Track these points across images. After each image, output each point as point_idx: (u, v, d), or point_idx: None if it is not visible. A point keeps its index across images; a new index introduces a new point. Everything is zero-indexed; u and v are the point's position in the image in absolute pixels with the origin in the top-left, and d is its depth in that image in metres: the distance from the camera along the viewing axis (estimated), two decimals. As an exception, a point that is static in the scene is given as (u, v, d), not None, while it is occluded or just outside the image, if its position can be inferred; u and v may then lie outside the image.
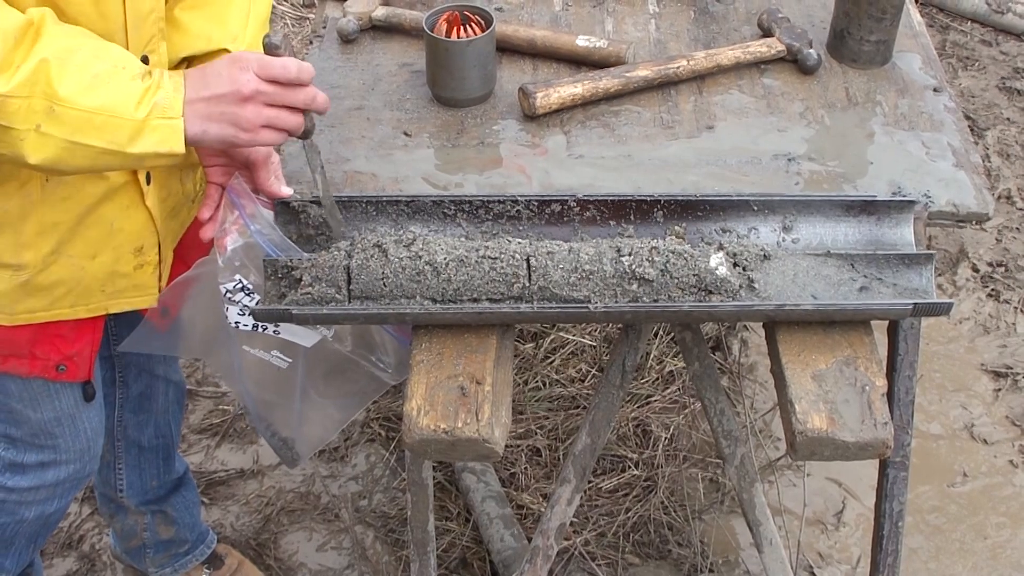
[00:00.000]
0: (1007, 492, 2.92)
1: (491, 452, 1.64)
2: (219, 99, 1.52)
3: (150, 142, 1.49)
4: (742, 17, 2.35)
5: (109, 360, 2.20)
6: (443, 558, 2.70)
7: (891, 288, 1.74)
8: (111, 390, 2.25)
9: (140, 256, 1.81)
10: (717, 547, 2.77)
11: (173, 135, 1.50)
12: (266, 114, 1.54)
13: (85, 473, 2.04)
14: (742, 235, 1.80)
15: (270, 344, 1.83)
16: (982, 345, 3.30)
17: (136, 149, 1.49)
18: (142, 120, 1.47)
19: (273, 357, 1.85)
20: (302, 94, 1.57)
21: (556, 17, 2.36)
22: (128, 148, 1.48)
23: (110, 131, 1.46)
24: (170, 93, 1.50)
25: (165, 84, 1.50)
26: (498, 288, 1.69)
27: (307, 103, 1.59)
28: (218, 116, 1.52)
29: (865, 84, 2.18)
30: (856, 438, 1.62)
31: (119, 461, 2.35)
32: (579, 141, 2.05)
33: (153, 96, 1.48)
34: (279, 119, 1.56)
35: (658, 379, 3.11)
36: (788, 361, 1.71)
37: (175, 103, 1.50)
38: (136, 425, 2.31)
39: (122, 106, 1.46)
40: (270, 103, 1.54)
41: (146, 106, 1.48)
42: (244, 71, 1.52)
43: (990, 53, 4.39)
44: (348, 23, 2.28)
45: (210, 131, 1.52)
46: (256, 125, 1.54)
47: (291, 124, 1.58)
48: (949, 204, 1.93)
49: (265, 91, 1.53)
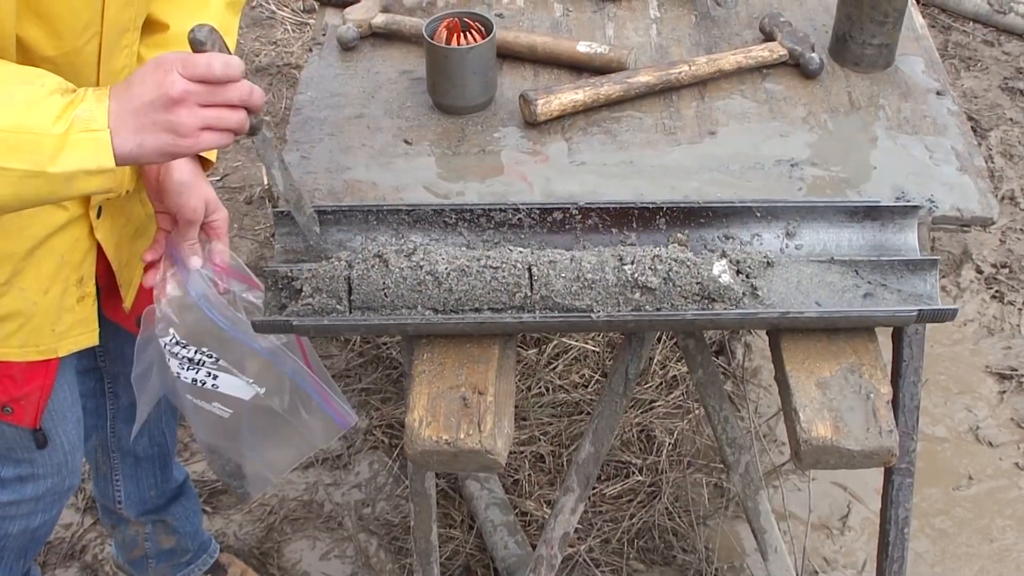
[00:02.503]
0: (1013, 495, 2.91)
1: (494, 463, 1.63)
2: (148, 107, 1.39)
3: (75, 159, 1.36)
4: (744, 21, 2.34)
5: (97, 372, 2.18)
6: (447, 566, 2.69)
7: (895, 294, 1.73)
8: (101, 402, 2.23)
9: (81, 287, 1.74)
10: (722, 553, 2.76)
11: (100, 148, 1.37)
12: (203, 115, 1.41)
13: (66, 487, 2.00)
14: (745, 242, 1.79)
15: (211, 396, 1.81)
16: (986, 347, 3.29)
17: (60, 167, 1.35)
18: (61, 134, 1.35)
19: (215, 407, 1.82)
20: (236, 90, 1.43)
21: (557, 23, 2.35)
22: (51, 167, 1.35)
23: (28, 150, 1.33)
24: (92, 105, 1.38)
25: (87, 97, 1.39)
26: (500, 298, 1.68)
27: (243, 99, 1.44)
28: (151, 125, 1.39)
29: (868, 88, 2.17)
30: (861, 446, 1.61)
31: (115, 473, 2.34)
32: (581, 148, 2.04)
33: (73, 110, 1.36)
34: (218, 119, 1.43)
35: (662, 384, 3.10)
36: (792, 369, 1.70)
37: (98, 115, 1.37)
38: (129, 436, 2.29)
39: (39, 122, 1.34)
40: (204, 103, 1.41)
41: (65, 120, 1.35)
42: (168, 72, 1.38)
43: (992, 53, 4.37)
44: (348, 30, 2.27)
45: (146, 143, 1.40)
46: (194, 128, 1.40)
47: (233, 122, 1.45)
48: (953, 209, 1.92)
49: (195, 91, 1.40)
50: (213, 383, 1.79)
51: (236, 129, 1.46)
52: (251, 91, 1.46)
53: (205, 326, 1.73)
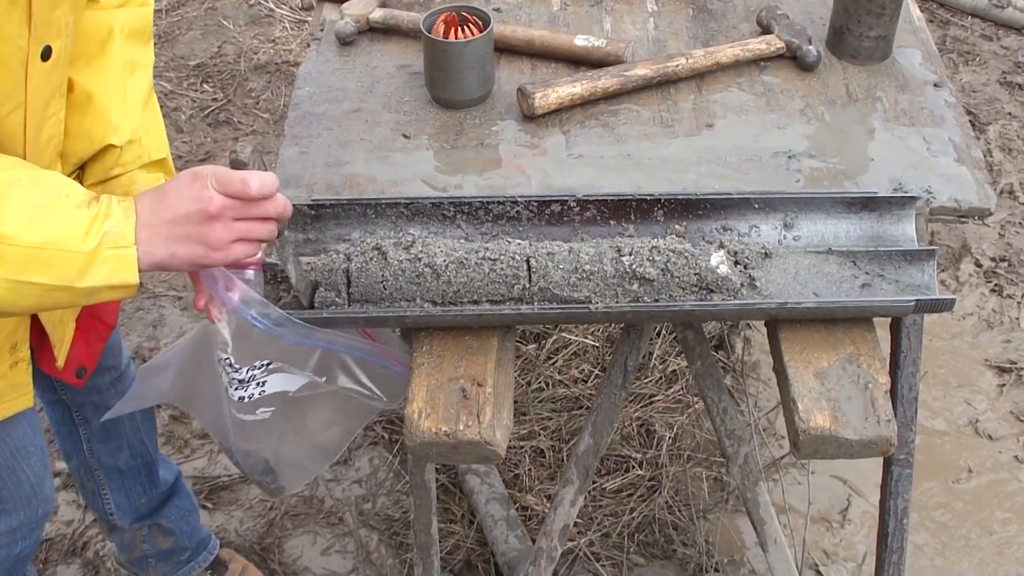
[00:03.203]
0: (1012, 488, 2.91)
1: (493, 454, 1.64)
2: (184, 219, 1.40)
3: (101, 275, 1.37)
4: (741, 14, 2.35)
5: (62, 403, 2.18)
6: (448, 560, 2.70)
7: (893, 285, 1.73)
8: (72, 429, 2.22)
9: (15, 354, 1.69)
10: (722, 546, 2.76)
11: (126, 265, 1.38)
12: (236, 228, 1.43)
13: (40, 515, 1.98)
14: (743, 233, 1.79)
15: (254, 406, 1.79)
16: (986, 340, 3.29)
17: (86, 283, 1.36)
18: (91, 251, 1.35)
19: (258, 414, 1.80)
20: (271, 205, 1.45)
21: (554, 17, 2.35)
22: (77, 283, 1.36)
23: (58, 266, 1.34)
24: (120, 220, 1.38)
25: (114, 211, 1.38)
26: (498, 290, 1.68)
27: (278, 214, 1.47)
28: (184, 237, 1.40)
29: (865, 80, 2.17)
30: (859, 436, 1.62)
31: (103, 488, 2.33)
32: (578, 141, 2.04)
33: (102, 225, 1.36)
34: (251, 232, 1.45)
35: (661, 378, 3.10)
36: (790, 359, 1.70)
37: (126, 231, 1.37)
38: (109, 453, 2.27)
39: (69, 238, 1.34)
40: (239, 217, 1.43)
41: (95, 236, 1.35)
42: (205, 188, 1.39)
43: (991, 48, 4.37)
44: (346, 25, 2.28)
45: (179, 253, 1.41)
46: (227, 242, 1.42)
47: (264, 234, 1.47)
48: (951, 200, 1.92)
49: (231, 206, 1.41)
50: (261, 390, 1.75)
51: (266, 239, 1.48)
52: (284, 206, 1.48)
53: (254, 337, 1.69)
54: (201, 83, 4.22)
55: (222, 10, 4.61)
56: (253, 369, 1.72)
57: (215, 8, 4.63)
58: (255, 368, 1.73)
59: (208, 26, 4.51)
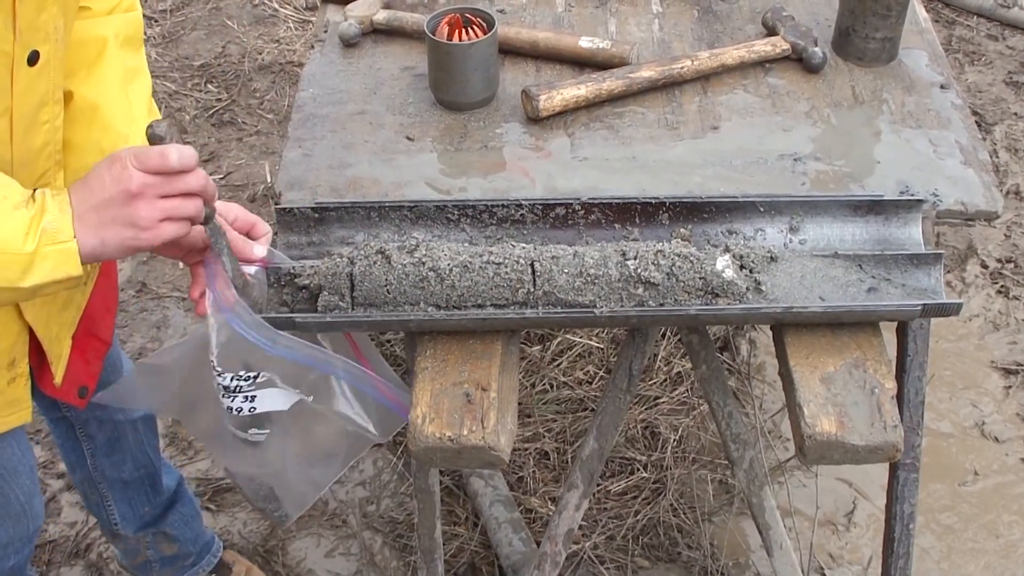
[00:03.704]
0: (1019, 490, 2.90)
1: (497, 460, 1.63)
2: (107, 203, 1.38)
3: (43, 272, 1.37)
4: (746, 16, 2.34)
5: (65, 420, 2.17)
6: (452, 563, 2.69)
7: (900, 289, 1.72)
8: (76, 444, 2.22)
9: (12, 370, 1.69)
10: (727, 549, 2.76)
11: (67, 259, 1.38)
12: (161, 206, 1.41)
13: (30, 531, 1.97)
14: (748, 237, 1.78)
15: (247, 423, 1.76)
16: (992, 342, 3.28)
17: (30, 282, 1.37)
18: (32, 252, 1.35)
19: (251, 434, 1.77)
20: (192, 179, 1.43)
21: (559, 18, 2.35)
22: (21, 283, 1.36)
23: (1, 269, 1.34)
24: (56, 215, 1.37)
25: (50, 207, 1.38)
26: (502, 294, 1.67)
27: (200, 188, 1.44)
28: (110, 222, 1.39)
29: (871, 82, 2.16)
30: (866, 442, 1.61)
31: (107, 500, 2.33)
32: (583, 143, 2.03)
33: (39, 223, 1.36)
34: (177, 209, 1.42)
35: (666, 380, 3.09)
36: (796, 364, 1.70)
37: (64, 225, 1.37)
38: (112, 466, 2.27)
39: (10, 241, 1.34)
40: (163, 194, 1.41)
41: (34, 237, 1.35)
42: (124, 168, 1.38)
43: (997, 48, 4.36)
44: (349, 27, 2.27)
45: (108, 239, 1.39)
46: (154, 221, 1.40)
47: (189, 211, 1.44)
48: (957, 202, 1.91)
49: (152, 183, 1.39)
50: (251, 407, 1.72)
51: (193, 217, 1.46)
52: (206, 180, 1.46)
53: (240, 346, 1.67)
54: (205, 83, 4.21)
55: (226, 10, 4.61)
56: (239, 379, 1.69)
57: (219, 8, 4.62)
58: (240, 378, 1.69)
59: (212, 26, 4.51)
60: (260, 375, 1.70)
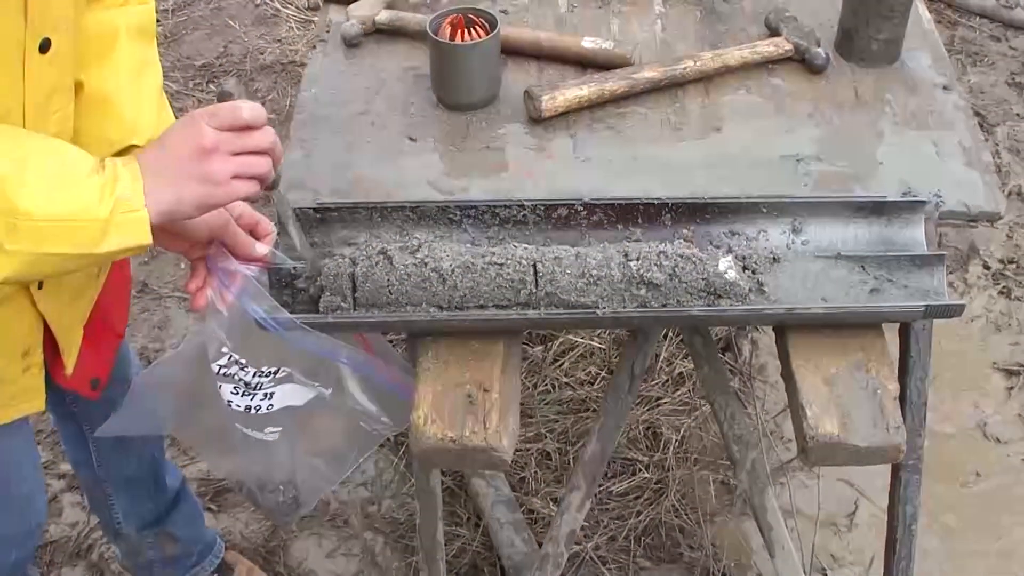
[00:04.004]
0: (1021, 491, 2.90)
1: (500, 461, 1.63)
2: (184, 161, 1.41)
3: (117, 239, 1.38)
4: (749, 16, 2.33)
5: (73, 416, 2.17)
6: (453, 564, 2.69)
7: (902, 290, 1.72)
8: (81, 441, 2.22)
9: (27, 359, 1.69)
10: (729, 550, 2.76)
11: (140, 228, 1.39)
12: (234, 162, 1.43)
13: (32, 525, 1.97)
14: (751, 238, 1.78)
15: (263, 422, 1.76)
16: (994, 343, 3.28)
17: (104, 248, 1.38)
18: (106, 218, 1.36)
19: (266, 434, 1.77)
20: (262, 135, 1.46)
21: (561, 19, 2.34)
22: (96, 249, 1.38)
23: (77, 236, 1.36)
24: (129, 184, 1.38)
25: (122, 175, 1.39)
26: (505, 294, 1.67)
27: (270, 144, 1.47)
28: (187, 178, 1.41)
29: (874, 83, 2.16)
30: (868, 443, 1.61)
31: (110, 499, 2.33)
32: (586, 144, 2.03)
33: (113, 191, 1.37)
34: (247, 165, 1.45)
35: (668, 381, 3.09)
36: (798, 365, 1.69)
37: (136, 194, 1.39)
38: (117, 463, 2.26)
39: (85, 208, 1.36)
40: (234, 151, 1.43)
41: (108, 203, 1.36)
42: (197, 124, 1.41)
43: (999, 49, 4.36)
44: (352, 27, 2.27)
45: (185, 196, 1.41)
46: (227, 177, 1.42)
47: (261, 168, 1.46)
48: (960, 204, 1.91)
49: (225, 139, 1.42)
50: (269, 404, 1.72)
51: (263, 176, 1.47)
52: (275, 139, 1.48)
53: (257, 335, 1.66)
54: (207, 83, 4.21)
55: (228, 10, 4.61)
56: (261, 376, 1.70)
57: (221, 8, 4.62)
58: (262, 375, 1.70)
59: (214, 26, 4.51)
60: (280, 370, 1.71)
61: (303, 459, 1.84)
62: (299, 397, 1.75)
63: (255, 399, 1.71)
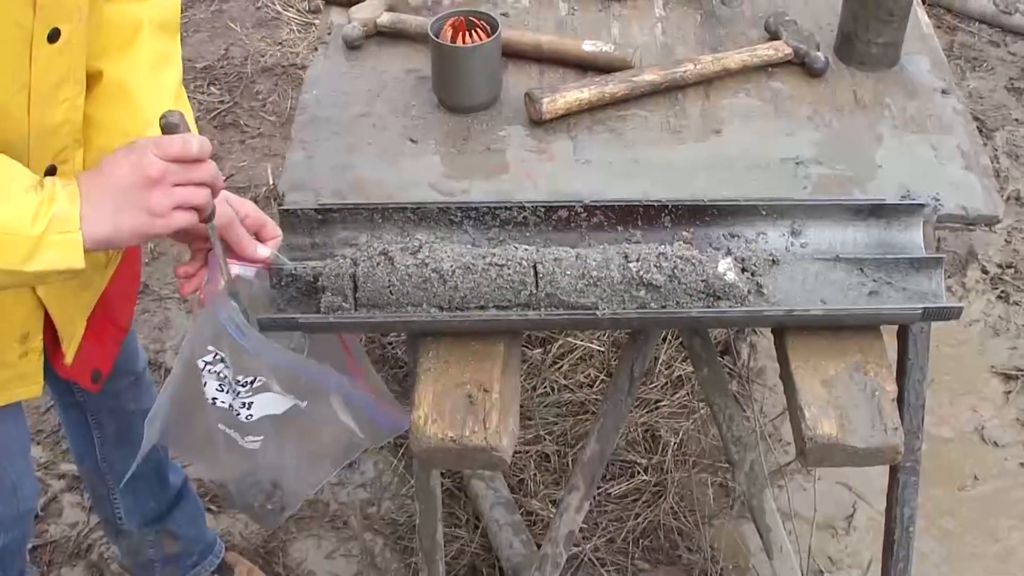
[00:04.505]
0: (1018, 495, 2.90)
1: (499, 461, 1.63)
2: (125, 189, 1.40)
3: (48, 259, 1.37)
4: (749, 20, 2.34)
5: (78, 407, 2.18)
6: (452, 565, 2.69)
7: (901, 292, 1.73)
8: (86, 432, 2.23)
9: (25, 344, 1.69)
10: (727, 552, 2.76)
11: (72, 251, 1.38)
12: (176, 194, 1.42)
13: (20, 511, 1.97)
14: (750, 240, 1.79)
15: (244, 430, 1.75)
16: (992, 347, 3.28)
17: (33, 267, 1.36)
18: (39, 236, 1.35)
19: (247, 442, 1.76)
20: (205, 169, 1.45)
21: (562, 22, 2.35)
22: (25, 267, 1.35)
23: (6, 250, 1.34)
24: (66, 206, 1.37)
25: (59, 195, 1.37)
26: (505, 295, 1.68)
27: (212, 178, 1.46)
28: (127, 206, 1.40)
29: (873, 87, 2.17)
30: (866, 444, 1.61)
31: (112, 493, 2.34)
32: (586, 146, 2.04)
33: (49, 209, 1.36)
34: (189, 197, 1.44)
35: (667, 384, 3.10)
36: (797, 367, 1.70)
37: (72, 215, 1.37)
38: (121, 458, 2.27)
39: (17, 223, 1.34)
40: (178, 183, 1.42)
41: (42, 221, 1.35)
42: (144, 155, 1.40)
43: (998, 54, 4.37)
44: (353, 29, 2.28)
45: (122, 225, 1.40)
46: (168, 208, 1.42)
47: (201, 200, 1.46)
48: (958, 207, 1.92)
49: (171, 170, 1.41)
50: (248, 414, 1.72)
51: (203, 207, 1.47)
52: (216, 172, 1.48)
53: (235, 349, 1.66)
54: (208, 85, 4.22)
55: (229, 12, 4.62)
56: (237, 384, 1.69)
57: (222, 11, 4.63)
58: (239, 383, 1.69)
59: (215, 28, 4.52)
60: (256, 380, 1.70)
61: (286, 462, 1.84)
62: (278, 406, 1.74)
63: (236, 400, 1.71)
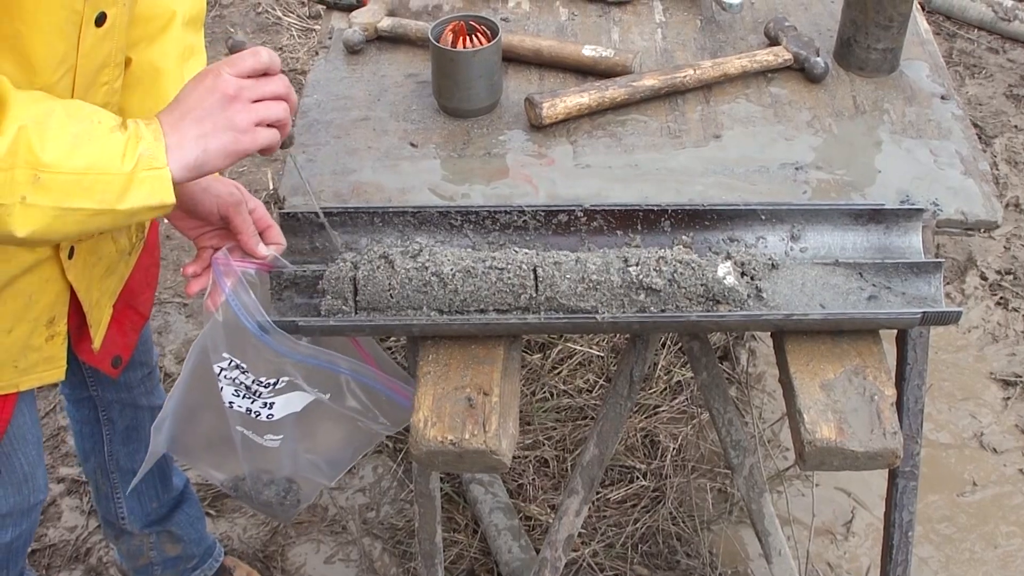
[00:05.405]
0: (1017, 501, 2.90)
1: (498, 464, 1.64)
2: (206, 111, 1.43)
3: (140, 195, 1.39)
4: (748, 26, 2.35)
5: (90, 400, 2.19)
6: (451, 570, 2.69)
7: (900, 297, 1.73)
8: (96, 427, 2.24)
9: (51, 327, 1.71)
10: (726, 557, 2.76)
11: (162, 186, 1.41)
12: (256, 109, 1.46)
13: (31, 503, 1.97)
14: (750, 244, 1.79)
15: (263, 428, 1.77)
16: (991, 353, 3.29)
17: (127, 205, 1.39)
18: (129, 173, 1.38)
19: (266, 440, 1.78)
20: (279, 81, 1.49)
21: (562, 27, 2.36)
22: (119, 205, 1.39)
23: (100, 190, 1.37)
24: (151, 142, 1.40)
25: (144, 133, 1.41)
26: (505, 299, 1.68)
27: (286, 89, 1.50)
28: (211, 128, 1.43)
29: (872, 92, 2.18)
30: (865, 448, 1.61)
31: (116, 491, 2.34)
32: (586, 151, 2.05)
33: (136, 147, 1.39)
34: (268, 112, 1.47)
35: (666, 389, 3.10)
36: (796, 371, 1.70)
37: (158, 152, 1.40)
38: (127, 455, 2.29)
39: (108, 162, 1.37)
40: (254, 98, 1.46)
41: (131, 158, 1.38)
42: (218, 75, 1.44)
43: (997, 61, 4.38)
44: (354, 34, 2.28)
45: (210, 146, 1.43)
46: (251, 124, 1.45)
47: (280, 113, 1.49)
48: (957, 212, 1.92)
49: (246, 84, 1.45)
50: (269, 413, 1.74)
51: (283, 123, 1.50)
52: (289, 85, 1.51)
53: (258, 349, 1.68)
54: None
55: (230, 17, 4.63)
56: (259, 385, 1.71)
57: (222, 16, 4.64)
58: (261, 384, 1.71)
59: (216, 33, 4.52)
60: (280, 381, 1.71)
61: (303, 456, 1.85)
62: (298, 403, 1.77)
63: (255, 403, 1.73)
